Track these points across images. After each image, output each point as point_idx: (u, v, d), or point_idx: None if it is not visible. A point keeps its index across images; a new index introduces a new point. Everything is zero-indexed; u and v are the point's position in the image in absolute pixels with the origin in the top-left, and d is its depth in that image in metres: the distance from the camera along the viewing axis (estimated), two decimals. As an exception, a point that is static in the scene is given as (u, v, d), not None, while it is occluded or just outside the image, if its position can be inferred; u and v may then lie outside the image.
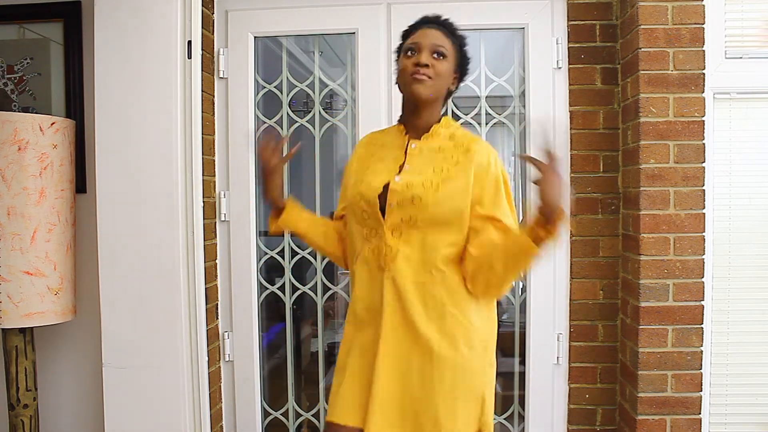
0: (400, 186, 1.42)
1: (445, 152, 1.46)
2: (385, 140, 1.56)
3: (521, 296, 2.29)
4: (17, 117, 1.87)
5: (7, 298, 1.86)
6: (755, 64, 2.07)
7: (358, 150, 1.59)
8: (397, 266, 1.40)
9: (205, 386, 2.02)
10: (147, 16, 1.95)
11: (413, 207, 1.40)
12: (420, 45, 1.45)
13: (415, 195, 1.40)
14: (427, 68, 1.42)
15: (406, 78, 1.45)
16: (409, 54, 1.45)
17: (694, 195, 1.95)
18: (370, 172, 1.49)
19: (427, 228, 1.41)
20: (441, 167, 1.43)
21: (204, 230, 2.05)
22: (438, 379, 1.38)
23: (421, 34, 1.47)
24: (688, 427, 1.97)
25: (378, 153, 1.53)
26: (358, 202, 1.46)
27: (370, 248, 1.44)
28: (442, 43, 1.45)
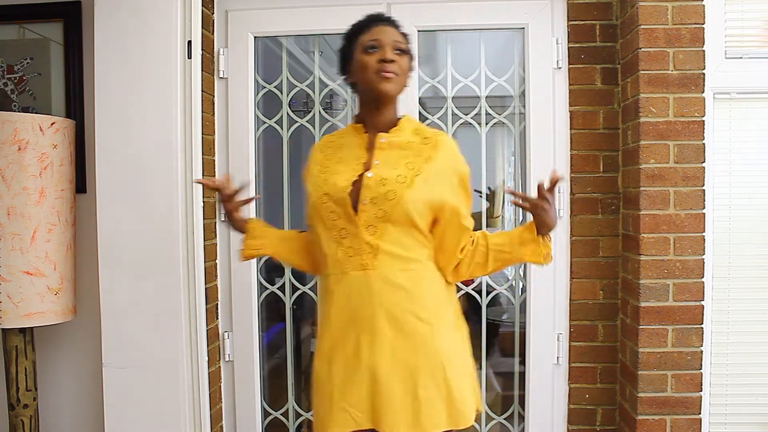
0: (373, 181, 1.41)
1: (413, 147, 1.47)
2: (342, 142, 1.54)
3: (521, 296, 2.29)
4: (17, 117, 1.87)
5: (7, 298, 1.86)
6: (755, 64, 2.07)
7: (315, 155, 1.56)
8: (380, 262, 1.40)
9: (205, 386, 2.02)
10: (147, 16, 1.95)
11: (388, 202, 1.40)
12: (382, 42, 1.44)
13: (390, 190, 1.40)
14: (393, 64, 1.43)
15: (371, 76, 1.44)
16: (370, 51, 1.44)
17: (694, 195, 1.95)
18: (331, 173, 1.47)
19: (400, 222, 1.41)
20: (413, 163, 1.44)
21: (204, 230, 2.05)
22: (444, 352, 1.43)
23: (379, 32, 1.46)
24: (688, 427, 1.97)
25: (336, 155, 1.52)
26: (324, 204, 1.44)
27: (344, 250, 1.42)
28: (401, 39, 1.47)
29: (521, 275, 2.30)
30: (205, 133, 2.13)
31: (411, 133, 1.50)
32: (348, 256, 1.42)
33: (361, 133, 1.51)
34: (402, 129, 1.50)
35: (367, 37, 1.46)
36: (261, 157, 2.34)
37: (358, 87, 1.51)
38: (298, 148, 2.41)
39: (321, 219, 1.46)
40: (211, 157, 2.22)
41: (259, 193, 2.34)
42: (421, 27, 2.21)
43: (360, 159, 1.47)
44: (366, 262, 1.41)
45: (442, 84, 2.27)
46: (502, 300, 2.65)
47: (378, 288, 1.40)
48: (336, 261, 1.44)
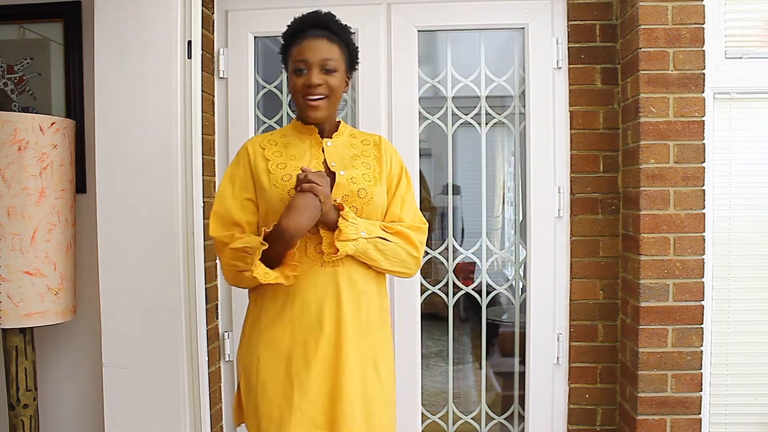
0: (345, 179, 1.44)
1: (356, 148, 1.53)
2: (288, 140, 1.53)
3: (521, 296, 2.29)
4: (17, 117, 1.87)
5: (7, 298, 1.86)
6: (755, 64, 2.07)
7: (257, 150, 1.50)
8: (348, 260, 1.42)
9: (205, 386, 2.02)
10: (147, 16, 1.95)
11: (360, 200, 1.44)
12: (308, 62, 1.43)
13: (360, 188, 1.44)
14: (320, 87, 1.44)
15: (299, 100, 1.46)
16: (298, 72, 1.44)
17: (694, 195, 1.95)
18: (292, 169, 1.45)
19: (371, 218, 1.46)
20: (368, 162, 1.51)
21: (204, 230, 2.05)
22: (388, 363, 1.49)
23: (307, 48, 1.44)
24: (688, 427, 1.97)
25: (287, 152, 1.50)
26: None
27: (313, 245, 1.42)
28: (330, 56, 1.45)
29: (521, 275, 2.30)
30: (205, 133, 2.13)
31: (348, 136, 1.57)
32: (317, 252, 1.42)
33: (314, 134, 1.52)
34: (341, 133, 1.56)
35: (296, 53, 1.46)
36: (261, 157, 2.34)
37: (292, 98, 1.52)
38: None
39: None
40: (211, 157, 2.22)
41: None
42: (421, 27, 2.21)
43: (318, 158, 1.49)
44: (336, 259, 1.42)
45: (442, 84, 2.27)
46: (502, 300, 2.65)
47: (344, 286, 1.42)
48: (303, 256, 1.42)
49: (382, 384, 1.46)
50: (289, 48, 1.50)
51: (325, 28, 1.48)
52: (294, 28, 1.50)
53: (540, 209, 2.20)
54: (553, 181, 2.19)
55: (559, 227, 2.19)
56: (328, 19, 1.50)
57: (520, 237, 2.30)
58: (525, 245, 2.26)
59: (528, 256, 2.22)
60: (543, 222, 2.20)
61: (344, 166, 1.47)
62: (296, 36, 1.48)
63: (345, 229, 1.38)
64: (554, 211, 2.19)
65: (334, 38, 1.48)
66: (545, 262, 2.20)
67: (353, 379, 1.40)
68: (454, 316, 2.30)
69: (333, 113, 1.53)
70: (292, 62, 1.47)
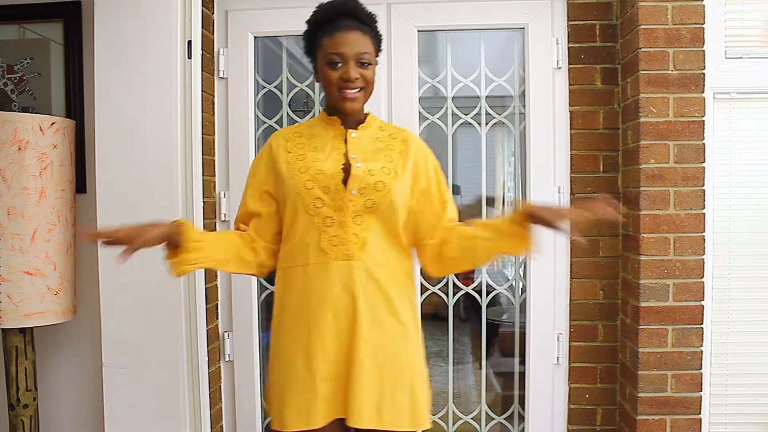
0: (362, 171, 1.42)
1: (383, 141, 1.51)
2: (313, 131, 1.52)
3: (521, 296, 2.29)
4: (17, 117, 1.87)
5: (7, 298, 1.86)
6: (755, 64, 2.07)
7: (280, 143, 1.51)
8: (366, 254, 1.41)
9: (205, 386, 2.02)
10: (147, 16, 1.95)
11: (377, 193, 1.42)
12: (345, 56, 1.41)
13: (378, 181, 1.42)
14: (357, 81, 1.42)
15: (335, 93, 1.44)
16: (332, 66, 1.42)
17: (694, 195, 1.95)
18: (311, 161, 1.45)
19: (385, 213, 1.43)
20: (391, 156, 1.48)
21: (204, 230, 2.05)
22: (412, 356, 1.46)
23: (342, 41, 1.41)
24: (688, 427, 1.97)
25: (309, 143, 1.49)
26: (309, 191, 1.41)
27: (329, 239, 1.42)
28: (365, 49, 1.43)
29: (521, 275, 2.30)
30: (205, 133, 2.13)
31: (377, 129, 1.54)
32: (332, 245, 1.42)
33: (338, 125, 1.51)
34: (369, 125, 1.53)
35: (330, 46, 1.43)
36: (261, 157, 2.34)
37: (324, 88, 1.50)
38: (298, 148, 2.41)
39: (303, 205, 1.42)
40: (211, 157, 2.22)
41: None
42: (421, 27, 2.21)
43: (339, 149, 1.47)
44: (352, 252, 1.41)
45: (442, 84, 2.27)
46: (502, 300, 2.65)
47: (361, 280, 1.41)
48: (319, 249, 1.42)
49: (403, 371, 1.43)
50: (317, 37, 1.46)
51: (356, 17, 1.45)
52: (323, 16, 1.46)
53: (540, 209, 2.19)
54: (553, 181, 2.19)
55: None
56: (359, 9, 1.46)
57: (520, 237, 2.29)
58: (525, 245, 2.25)
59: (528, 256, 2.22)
60: (543, 222, 2.19)
61: (365, 159, 1.45)
62: (326, 25, 1.45)
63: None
64: (554, 211, 2.19)
65: (366, 29, 1.45)
66: (545, 262, 2.19)
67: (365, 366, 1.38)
68: (454, 316, 2.30)
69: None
70: (324, 54, 1.43)
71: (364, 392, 1.37)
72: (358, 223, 1.42)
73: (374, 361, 1.39)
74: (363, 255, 1.41)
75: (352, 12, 1.45)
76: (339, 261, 1.41)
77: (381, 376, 1.40)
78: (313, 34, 1.48)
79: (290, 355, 1.43)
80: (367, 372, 1.38)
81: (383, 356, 1.41)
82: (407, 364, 1.44)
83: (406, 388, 1.43)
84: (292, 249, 1.46)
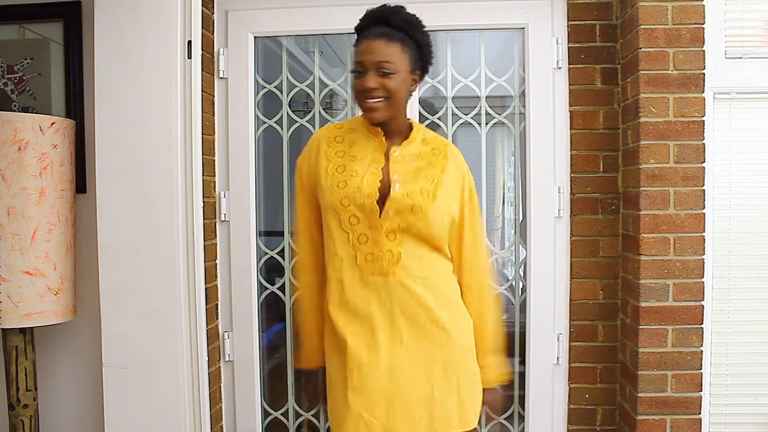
0: (400, 194, 1.40)
1: (425, 158, 1.47)
2: (354, 138, 1.50)
3: (521, 296, 2.29)
4: (17, 117, 1.87)
5: (7, 298, 1.86)
6: (755, 64, 2.07)
7: (322, 147, 1.49)
8: (402, 268, 1.40)
9: (205, 386, 2.02)
10: (147, 16, 1.95)
11: (413, 215, 1.40)
12: (365, 64, 1.39)
13: (415, 204, 1.40)
14: (377, 91, 1.39)
15: (359, 103, 1.43)
16: (356, 74, 1.41)
17: (694, 195, 1.95)
18: (349, 175, 1.43)
19: (423, 233, 1.42)
20: (432, 176, 1.44)
21: (204, 230, 2.05)
22: (458, 360, 1.45)
23: (365, 49, 1.40)
24: (688, 427, 1.97)
25: (350, 151, 1.47)
26: (346, 208, 1.41)
27: (363, 255, 1.41)
28: (387, 58, 1.38)
29: (521, 275, 2.30)
30: (205, 133, 2.13)
31: (420, 143, 1.50)
32: (367, 262, 1.41)
33: (380, 136, 1.48)
34: (412, 140, 1.50)
35: (356, 53, 1.43)
36: (261, 157, 2.34)
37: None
38: (298, 148, 2.40)
39: (339, 219, 1.42)
40: (211, 157, 2.22)
41: (259, 193, 2.34)
42: (421, 27, 2.21)
43: (378, 163, 1.44)
44: (387, 268, 1.40)
45: (442, 84, 2.27)
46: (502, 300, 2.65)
47: (397, 294, 1.40)
48: (354, 265, 1.42)
49: (450, 383, 1.43)
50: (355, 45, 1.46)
51: (390, 24, 1.41)
52: (360, 24, 1.46)
53: (540, 209, 2.20)
54: (553, 181, 2.19)
55: (559, 227, 2.19)
56: (392, 15, 1.42)
57: (520, 237, 2.30)
58: (525, 245, 2.26)
59: (528, 256, 2.22)
60: (543, 222, 2.20)
61: (405, 180, 1.42)
62: (358, 34, 1.44)
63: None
64: (554, 211, 2.19)
65: (397, 36, 1.40)
66: (545, 262, 2.20)
67: (412, 382, 1.39)
68: (454, 316, 2.29)
69: (397, 113, 1.46)
70: (353, 62, 1.44)
71: (411, 404, 1.38)
72: (391, 239, 1.41)
73: (421, 371, 1.40)
74: (398, 270, 1.41)
75: (387, 19, 1.42)
76: (374, 277, 1.41)
77: (430, 383, 1.41)
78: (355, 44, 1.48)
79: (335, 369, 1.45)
80: (414, 383, 1.39)
81: (429, 364, 1.41)
82: (453, 369, 1.44)
83: (453, 392, 1.43)
84: (331, 260, 1.46)
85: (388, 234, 1.40)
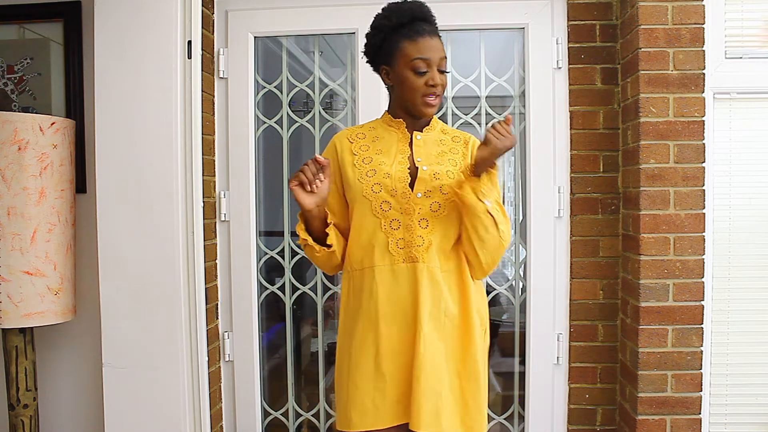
0: (428, 175, 1.43)
1: (446, 144, 1.52)
2: (376, 134, 1.52)
3: (521, 296, 2.29)
4: (17, 117, 1.87)
5: (7, 298, 1.86)
6: (755, 64, 2.07)
7: (345, 144, 1.51)
8: (430, 256, 1.42)
9: (205, 386, 2.02)
10: (147, 16, 1.95)
11: (442, 195, 1.43)
12: (431, 62, 1.42)
13: (443, 184, 1.43)
14: (439, 86, 1.44)
15: (417, 98, 1.44)
16: (419, 72, 1.41)
17: (694, 195, 1.95)
18: (377, 164, 1.46)
19: (448, 217, 1.44)
20: (455, 160, 1.48)
21: (204, 230, 2.05)
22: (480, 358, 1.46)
23: (428, 47, 1.42)
24: (688, 427, 1.97)
25: (374, 146, 1.50)
26: (377, 194, 1.43)
27: (395, 240, 1.43)
28: (444, 55, 1.45)
29: (521, 275, 2.30)
30: (205, 133, 2.13)
31: (440, 132, 1.54)
32: (399, 248, 1.43)
33: (403, 128, 1.51)
34: (433, 128, 1.53)
35: (415, 51, 1.41)
36: (261, 157, 2.34)
37: (396, 92, 1.49)
38: (298, 148, 2.41)
39: (371, 209, 1.44)
40: (211, 157, 2.22)
41: (259, 193, 2.34)
42: (421, 27, 2.21)
43: (404, 152, 1.48)
44: (416, 254, 1.42)
45: (442, 84, 2.27)
46: (502, 300, 2.65)
47: (424, 283, 1.41)
48: (386, 251, 1.43)
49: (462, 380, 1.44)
50: (396, 43, 1.43)
51: (429, 21, 1.45)
52: (398, 19, 1.44)
53: (540, 209, 2.20)
54: (553, 181, 2.19)
55: (559, 227, 2.19)
56: (431, 14, 1.47)
57: (520, 237, 2.30)
58: (525, 245, 2.26)
59: (528, 256, 2.22)
60: (543, 222, 2.20)
61: (429, 162, 1.46)
62: (408, 32, 1.42)
63: (484, 186, 1.38)
64: (554, 211, 2.19)
65: (440, 34, 1.47)
66: (545, 262, 2.20)
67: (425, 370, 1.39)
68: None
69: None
70: (407, 59, 1.41)
71: (423, 396, 1.38)
72: (423, 226, 1.43)
73: (433, 365, 1.40)
74: (427, 257, 1.42)
75: (428, 17, 1.46)
76: (405, 263, 1.43)
77: (440, 379, 1.40)
78: (389, 37, 1.45)
79: (357, 356, 1.44)
80: (425, 375, 1.38)
81: (441, 360, 1.42)
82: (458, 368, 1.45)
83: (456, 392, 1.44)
84: (359, 251, 1.47)
85: (420, 220, 1.43)
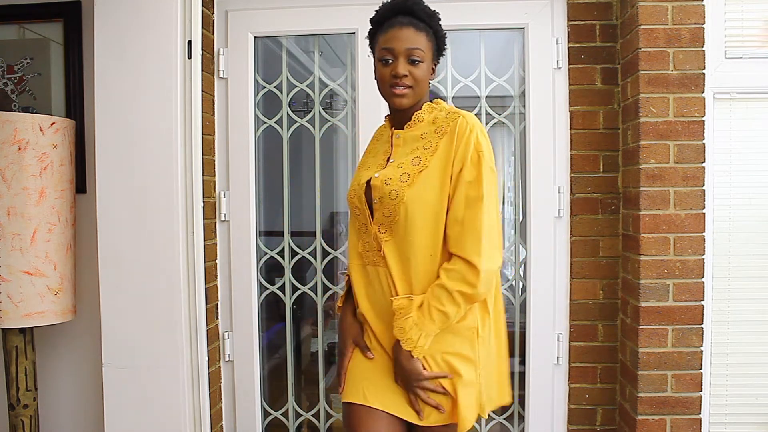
0: (379, 182, 1.41)
1: (425, 139, 1.41)
2: (381, 132, 1.59)
3: (521, 296, 2.29)
4: (17, 117, 1.87)
5: (7, 298, 1.86)
6: (755, 64, 2.07)
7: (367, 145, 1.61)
8: (387, 262, 1.42)
9: (205, 386, 2.02)
10: (147, 16, 1.95)
11: (392, 202, 1.38)
12: (395, 51, 1.40)
13: (392, 190, 1.38)
14: (406, 78, 1.40)
15: (386, 89, 1.43)
16: (384, 62, 1.41)
17: (694, 195, 1.95)
18: (364, 169, 1.52)
19: (405, 222, 1.38)
20: (419, 157, 1.39)
21: (204, 230, 2.05)
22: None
23: (393, 37, 1.40)
24: (688, 427, 1.97)
25: (374, 148, 1.56)
26: (352, 199, 1.49)
27: (363, 244, 1.47)
28: (416, 45, 1.39)
29: (521, 275, 2.30)
30: (205, 133, 2.13)
31: (428, 123, 1.44)
32: (366, 251, 1.47)
33: (389, 128, 1.52)
34: (417, 121, 1.45)
35: (382, 41, 1.42)
36: (261, 157, 2.34)
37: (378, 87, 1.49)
38: (298, 148, 2.41)
39: (351, 211, 1.52)
40: (211, 157, 2.22)
41: (259, 193, 2.34)
42: (421, 27, 2.21)
43: (387, 154, 1.49)
44: (377, 260, 1.44)
45: (442, 84, 2.27)
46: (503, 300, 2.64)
47: (385, 287, 1.44)
48: (357, 253, 1.50)
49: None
50: (375, 35, 1.46)
51: (412, 15, 1.42)
52: (381, 14, 1.46)
53: (540, 209, 2.20)
54: (553, 181, 2.19)
55: (559, 227, 2.19)
56: (418, 6, 1.43)
57: (520, 237, 2.30)
58: (525, 245, 2.26)
59: (528, 256, 2.22)
60: (543, 222, 2.20)
61: (399, 163, 1.41)
62: (382, 23, 1.44)
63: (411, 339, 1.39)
64: (554, 211, 2.19)
65: (422, 26, 1.42)
66: (545, 262, 2.20)
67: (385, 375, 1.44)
68: (454, 316, 2.29)
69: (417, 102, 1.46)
70: (378, 50, 1.44)
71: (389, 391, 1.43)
72: (382, 231, 1.42)
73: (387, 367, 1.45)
74: (384, 262, 1.43)
75: (410, 10, 1.43)
76: (370, 267, 1.46)
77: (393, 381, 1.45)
78: (373, 33, 1.48)
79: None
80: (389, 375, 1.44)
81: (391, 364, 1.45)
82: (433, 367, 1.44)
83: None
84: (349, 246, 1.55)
85: (380, 225, 1.42)
